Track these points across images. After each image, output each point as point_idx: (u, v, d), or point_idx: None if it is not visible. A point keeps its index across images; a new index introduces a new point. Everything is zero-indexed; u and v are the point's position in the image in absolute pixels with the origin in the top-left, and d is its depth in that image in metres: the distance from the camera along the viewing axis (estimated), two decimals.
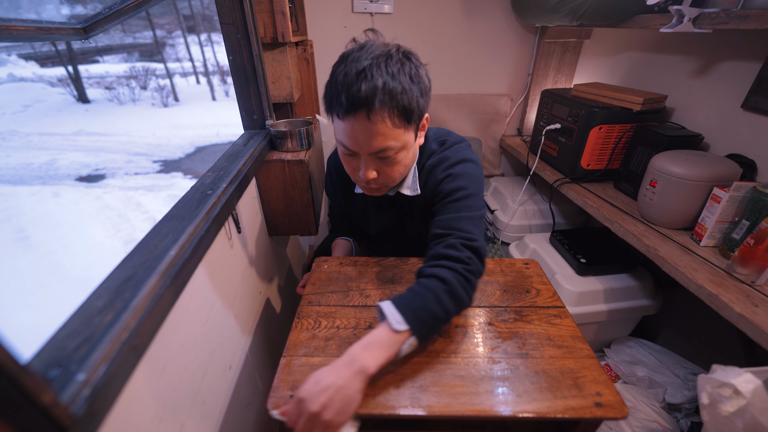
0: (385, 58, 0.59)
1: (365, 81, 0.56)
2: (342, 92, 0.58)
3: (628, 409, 0.50)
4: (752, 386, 0.52)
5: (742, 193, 0.80)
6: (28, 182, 5.35)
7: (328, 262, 0.81)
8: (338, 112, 0.60)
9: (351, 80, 0.57)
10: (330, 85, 0.61)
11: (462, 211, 0.67)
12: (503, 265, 0.80)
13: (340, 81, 0.58)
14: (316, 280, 0.76)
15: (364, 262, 0.81)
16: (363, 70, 0.57)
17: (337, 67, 0.60)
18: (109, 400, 0.36)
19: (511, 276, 0.77)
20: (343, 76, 0.58)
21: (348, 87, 0.57)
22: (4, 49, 12.91)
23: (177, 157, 6.41)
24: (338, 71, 0.60)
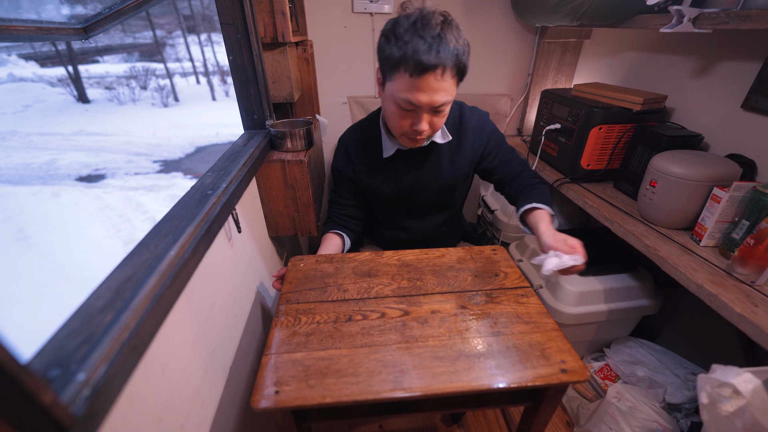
0: (449, 24, 0.69)
1: (442, 44, 0.66)
2: (420, 53, 0.66)
3: (588, 373, 0.52)
4: (752, 386, 0.52)
5: (742, 193, 0.80)
6: (28, 182, 5.35)
7: (304, 260, 0.81)
8: (410, 70, 0.68)
9: (429, 43, 0.66)
10: (396, 47, 0.68)
11: (515, 154, 0.98)
12: (473, 252, 0.85)
13: (415, 42, 0.66)
14: (293, 279, 0.75)
15: (340, 259, 0.82)
16: (438, 35, 0.66)
17: (402, 30, 0.67)
18: (109, 400, 0.36)
19: (481, 262, 0.81)
20: (419, 39, 0.66)
21: (428, 49, 0.66)
22: (4, 49, 12.91)
23: (177, 157, 6.41)
24: (407, 34, 0.66)
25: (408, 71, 0.68)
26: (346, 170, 0.95)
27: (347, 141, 0.95)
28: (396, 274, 0.77)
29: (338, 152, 0.97)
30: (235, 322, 0.78)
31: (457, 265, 0.80)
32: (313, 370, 0.55)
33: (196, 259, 0.55)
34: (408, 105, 0.73)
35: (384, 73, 0.75)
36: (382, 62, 0.73)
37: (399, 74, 0.70)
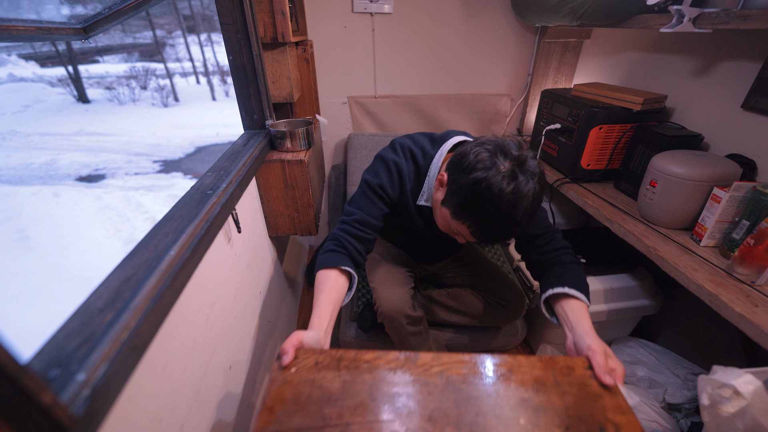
0: (534, 202, 0.64)
1: (515, 230, 0.66)
2: (491, 231, 0.66)
3: None
4: (752, 387, 0.52)
5: (742, 193, 0.80)
6: (28, 182, 5.35)
7: (298, 360, 0.54)
8: (474, 233, 0.68)
9: (503, 229, 0.65)
10: (471, 206, 0.66)
11: (541, 211, 0.82)
12: (557, 371, 0.54)
13: (490, 220, 0.65)
14: (275, 401, 0.48)
15: (352, 361, 0.54)
16: (517, 223, 0.64)
17: (484, 197, 0.63)
18: (109, 400, 0.36)
19: (572, 394, 0.51)
20: (496, 220, 0.64)
21: (497, 232, 0.66)
22: (4, 49, 12.90)
23: (177, 157, 6.40)
24: (488, 206, 0.63)
25: (470, 231, 0.69)
26: (392, 191, 0.84)
27: (401, 164, 0.84)
28: (437, 408, 0.48)
29: (386, 170, 0.84)
30: (235, 322, 0.78)
31: (534, 398, 0.51)
32: None
33: (196, 259, 0.55)
34: (458, 234, 0.74)
35: (449, 198, 0.70)
36: (453, 192, 0.68)
37: (462, 224, 0.69)
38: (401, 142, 0.87)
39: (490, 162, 0.63)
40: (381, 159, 0.86)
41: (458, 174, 0.67)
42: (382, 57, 1.51)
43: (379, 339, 1.18)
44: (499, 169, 0.63)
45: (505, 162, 0.63)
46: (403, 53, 1.52)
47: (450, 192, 0.70)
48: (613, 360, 0.57)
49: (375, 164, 0.87)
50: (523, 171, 0.63)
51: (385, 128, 1.66)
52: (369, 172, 0.87)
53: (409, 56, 1.53)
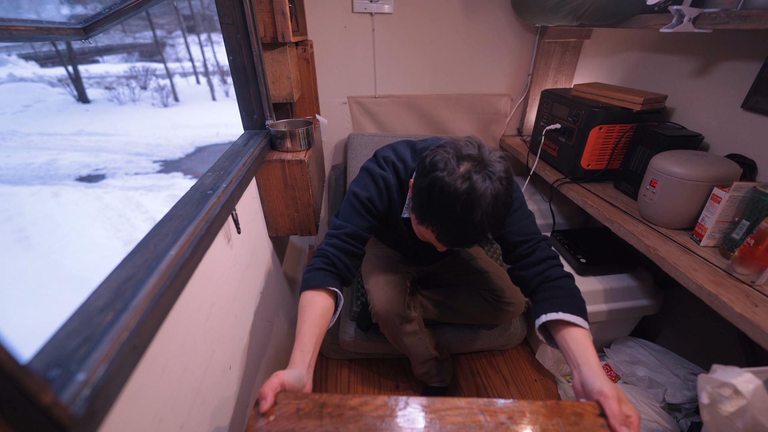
0: (494, 204, 0.60)
1: (478, 235, 0.62)
2: (451, 235, 0.63)
3: None
4: (752, 386, 0.52)
5: (742, 193, 0.80)
6: (28, 182, 5.35)
7: (278, 406, 0.49)
8: (438, 237, 0.66)
9: (463, 232, 0.62)
10: (430, 209, 0.63)
11: (524, 218, 0.80)
12: (564, 419, 0.49)
13: (449, 222, 0.62)
14: None
15: (336, 408, 0.49)
16: (478, 227, 0.61)
17: (441, 198, 0.61)
18: (109, 400, 0.36)
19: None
20: (455, 223, 0.61)
21: (458, 235, 0.63)
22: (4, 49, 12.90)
23: (177, 157, 6.40)
24: (445, 208, 0.61)
25: (435, 236, 0.67)
26: (381, 205, 0.84)
27: (389, 180, 0.83)
28: None
29: (374, 184, 0.83)
30: (235, 322, 0.78)
31: None
32: None
33: (196, 259, 0.55)
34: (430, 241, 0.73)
35: (414, 204, 0.69)
36: (415, 197, 0.68)
37: (427, 229, 0.67)
38: (384, 155, 0.87)
39: (445, 163, 0.61)
40: (368, 173, 0.85)
41: (418, 178, 0.66)
42: (382, 57, 1.51)
43: (377, 339, 1.18)
44: (455, 169, 0.60)
45: (462, 163, 0.61)
46: (403, 53, 1.52)
47: (413, 197, 0.69)
48: (628, 406, 0.51)
49: (363, 177, 0.85)
50: (480, 171, 0.60)
51: (385, 128, 1.66)
52: (357, 184, 0.85)
53: (409, 56, 1.53)
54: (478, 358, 1.36)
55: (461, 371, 1.32)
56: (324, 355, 1.34)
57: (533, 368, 1.33)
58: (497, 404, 0.51)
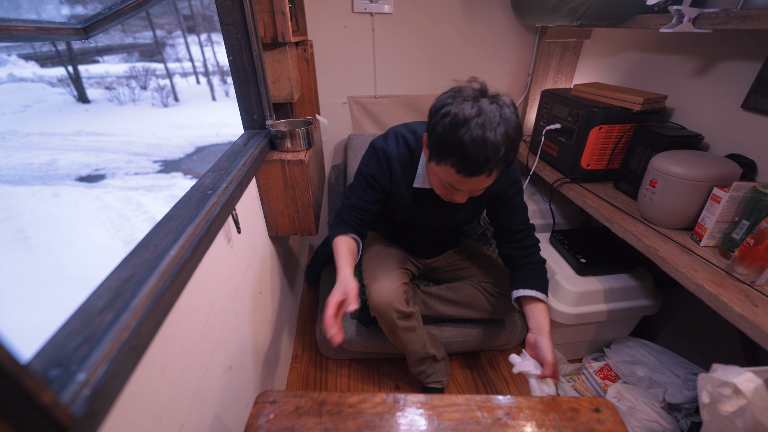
0: (506, 125, 0.65)
1: (495, 152, 0.64)
2: (469, 158, 0.65)
3: None
4: (753, 385, 0.52)
5: (742, 193, 0.80)
6: (28, 182, 5.35)
7: (278, 404, 0.50)
8: (458, 170, 0.68)
9: (480, 151, 0.64)
10: (446, 142, 0.67)
11: (523, 207, 0.96)
12: (560, 415, 0.50)
13: (465, 145, 0.64)
14: None
15: (336, 405, 0.50)
16: (494, 143, 0.64)
17: (456, 127, 0.65)
18: (109, 400, 0.36)
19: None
20: (470, 143, 0.64)
21: (476, 156, 0.65)
22: (4, 49, 12.90)
23: (177, 157, 6.40)
24: (460, 134, 0.64)
25: (455, 168, 0.68)
26: (382, 179, 0.91)
27: (390, 152, 0.89)
28: None
29: (375, 159, 0.91)
30: (235, 322, 0.78)
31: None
32: None
33: (196, 259, 0.55)
34: (450, 186, 0.75)
35: (430, 149, 0.73)
36: (430, 140, 0.72)
37: (446, 166, 0.70)
38: (395, 129, 0.92)
39: (452, 98, 0.67)
40: (371, 147, 0.92)
41: (429, 125, 0.71)
42: (382, 57, 1.51)
43: (377, 338, 1.18)
44: (461, 99, 0.66)
45: (467, 95, 0.67)
46: (403, 53, 1.52)
47: (428, 143, 0.73)
48: (548, 355, 0.75)
49: (367, 153, 0.94)
50: (485, 96, 0.67)
51: (385, 128, 1.65)
52: (362, 161, 0.94)
53: (409, 56, 1.53)
54: (477, 358, 1.36)
55: (461, 370, 1.32)
56: (324, 355, 1.34)
57: None
58: (495, 401, 0.51)
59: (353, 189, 0.94)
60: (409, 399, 0.51)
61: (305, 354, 1.37)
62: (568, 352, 1.33)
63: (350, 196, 0.94)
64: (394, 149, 0.90)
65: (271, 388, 1.07)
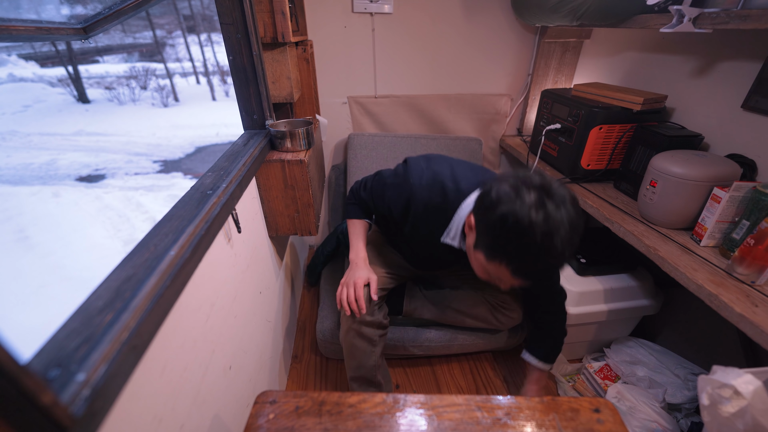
0: (573, 232, 0.59)
1: (558, 262, 0.60)
2: (529, 266, 0.61)
3: None
4: (752, 387, 0.52)
5: (742, 193, 0.80)
6: (28, 182, 5.35)
7: (278, 404, 0.49)
8: (513, 271, 0.63)
9: (543, 261, 0.59)
10: (505, 244, 0.61)
11: (557, 278, 0.94)
12: (560, 415, 0.51)
13: (528, 254, 0.59)
14: None
15: (335, 405, 0.50)
16: (559, 254, 0.58)
17: (517, 232, 0.58)
18: (109, 400, 0.36)
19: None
20: (534, 253, 0.59)
21: (537, 265, 0.60)
22: (4, 49, 12.90)
23: (177, 157, 6.40)
24: (522, 240, 0.58)
25: (510, 270, 0.63)
26: (396, 211, 0.87)
27: (418, 198, 0.83)
28: None
29: (397, 192, 0.86)
30: (235, 322, 0.78)
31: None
32: None
33: (196, 259, 0.55)
34: (498, 279, 0.69)
35: (481, 242, 0.66)
36: (484, 235, 0.65)
37: (499, 265, 0.64)
38: (437, 172, 0.83)
39: (514, 194, 0.59)
40: (403, 178, 0.85)
41: (484, 213, 0.64)
42: (382, 57, 1.51)
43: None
44: (524, 199, 0.58)
45: (529, 192, 0.59)
46: (403, 53, 1.52)
47: (479, 234, 0.66)
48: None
49: (397, 175, 0.88)
50: (550, 197, 0.58)
51: (385, 128, 1.66)
52: (390, 176, 0.91)
53: (409, 56, 1.53)
54: (478, 358, 1.36)
55: (461, 370, 1.31)
56: (324, 355, 1.34)
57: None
58: (495, 401, 0.52)
59: (371, 188, 0.95)
60: (409, 399, 0.52)
61: (305, 354, 1.37)
62: (568, 352, 1.32)
63: (365, 191, 0.97)
64: (426, 196, 0.82)
65: (271, 388, 1.07)
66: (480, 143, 1.57)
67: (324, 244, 1.56)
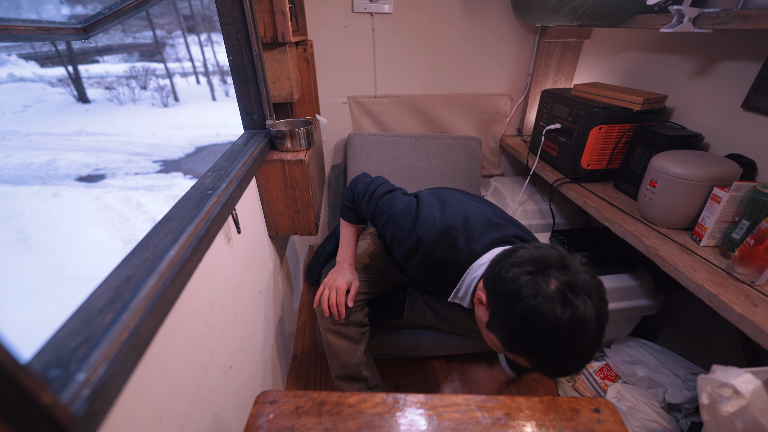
0: (600, 330, 0.53)
1: (582, 363, 0.54)
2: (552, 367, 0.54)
3: None
4: (752, 387, 0.52)
5: (742, 193, 0.80)
6: (28, 182, 5.35)
7: (278, 404, 0.49)
8: (534, 367, 0.57)
9: (567, 364, 0.53)
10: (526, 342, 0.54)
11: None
12: (560, 415, 0.51)
13: (551, 356, 0.53)
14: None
15: (335, 405, 0.49)
16: (584, 355, 0.52)
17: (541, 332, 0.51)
18: (109, 400, 0.36)
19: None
20: (559, 357, 0.52)
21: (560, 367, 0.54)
22: (4, 49, 12.90)
23: (177, 157, 6.40)
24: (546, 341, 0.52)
25: (531, 364, 0.56)
26: (395, 254, 0.81)
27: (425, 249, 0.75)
28: None
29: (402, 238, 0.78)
30: (235, 322, 0.78)
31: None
32: None
33: (196, 259, 0.55)
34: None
35: (498, 332, 0.58)
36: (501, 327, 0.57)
37: (519, 357, 0.57)
38: (450, 223, 0.75)
39: (534, 287, 0.52)
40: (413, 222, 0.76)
41: (499, 303, 0.57)
42: (382, 57, 1.51)
43: (377, 339, 1.18)
44: (547, 293, 0.51)
45: (549, 282, 0.52)
46: (403, 53, 1.52)
47: (494, 322, 0.59)
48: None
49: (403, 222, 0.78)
50: (575, 291, 0.51)
51: (385, 128, 1.66)
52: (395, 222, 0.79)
53: (409, 56, 1.53)
54: (478, 359, 1.36)
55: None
56: (324, 355, 1.34)
57: None
58: (494, 401, 0.52)
59: (376, 210, 0.84)
60: (409, 399, 0.52)
61: (305, 354, 1.37)
62: None
63: (366, 205, 0.86)
64: (434, 250, 0.74)
65: (271, 388, 1.07)
66: (480, 143, 1.57)
67: (324, 244, 1.57)
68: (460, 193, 0.93)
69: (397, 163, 1.53)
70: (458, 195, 0.89)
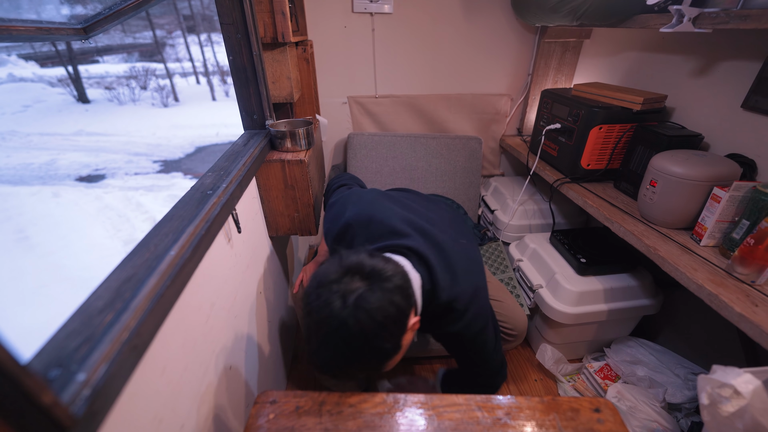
0: (347, 344, 0.50)
1: (317, 364, 0.53)
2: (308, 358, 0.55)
3: None
4: (752, 387, 0.52)
5: (742, 193, 0.80)
6: (28, 182, 5.35)
7: (278, 404, 0.49)
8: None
9: (311, 357, 0.54)
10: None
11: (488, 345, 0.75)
12: (561, 415, 0.50)
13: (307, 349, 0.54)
14: None
15: (336, 405, 0.49)
16: (321, 359, 0.52)
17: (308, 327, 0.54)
18: (109, 400, 0.36)
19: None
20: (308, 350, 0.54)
21: (309, 358, 0.54)
22: (4, 49, 12.89)
23: (177, 157, 6.40)
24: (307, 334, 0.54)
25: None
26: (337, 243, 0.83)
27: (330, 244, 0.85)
28: None
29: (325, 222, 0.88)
30: (235, 322, 0.78)
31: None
32: None
33: (196, 259, 0.55)
34: None
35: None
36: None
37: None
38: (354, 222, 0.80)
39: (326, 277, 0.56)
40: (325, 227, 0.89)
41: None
42: (382, 57, 1.51)
43: None
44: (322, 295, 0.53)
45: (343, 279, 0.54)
46: (403, 53, 1.52)
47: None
48: None
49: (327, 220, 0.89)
50: (339, 290, 0.52)
51: (385, 128, 1.66)
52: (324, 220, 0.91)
53: (409, 56, 1.53)
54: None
55: None
56: None
57: (534, 368, 1.33)
58: (495, 401, 0.51)
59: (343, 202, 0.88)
60: (409, 399, 0.52)
61: (305, 354, 1.37)
62: (568, 351, 1.32)
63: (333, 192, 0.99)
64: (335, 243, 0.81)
65: (271, 388, 1.07)
66: (480, 143, 1.57)
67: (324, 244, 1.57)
68: (411, 196, 0.99)
69: (397, 163, 1.53)
70: (402, 198, 0.92)
